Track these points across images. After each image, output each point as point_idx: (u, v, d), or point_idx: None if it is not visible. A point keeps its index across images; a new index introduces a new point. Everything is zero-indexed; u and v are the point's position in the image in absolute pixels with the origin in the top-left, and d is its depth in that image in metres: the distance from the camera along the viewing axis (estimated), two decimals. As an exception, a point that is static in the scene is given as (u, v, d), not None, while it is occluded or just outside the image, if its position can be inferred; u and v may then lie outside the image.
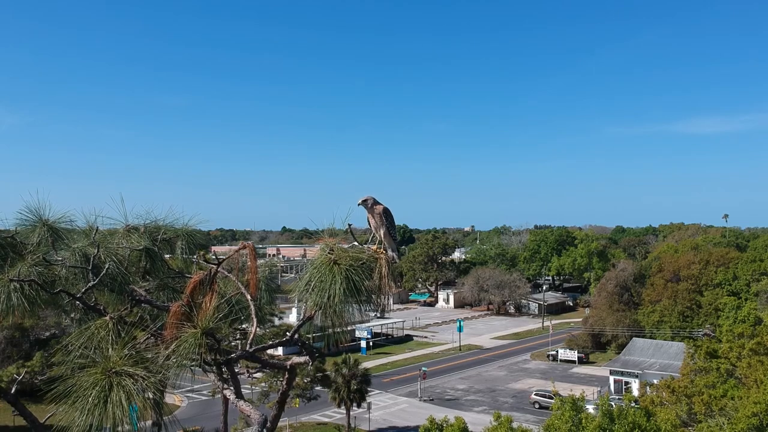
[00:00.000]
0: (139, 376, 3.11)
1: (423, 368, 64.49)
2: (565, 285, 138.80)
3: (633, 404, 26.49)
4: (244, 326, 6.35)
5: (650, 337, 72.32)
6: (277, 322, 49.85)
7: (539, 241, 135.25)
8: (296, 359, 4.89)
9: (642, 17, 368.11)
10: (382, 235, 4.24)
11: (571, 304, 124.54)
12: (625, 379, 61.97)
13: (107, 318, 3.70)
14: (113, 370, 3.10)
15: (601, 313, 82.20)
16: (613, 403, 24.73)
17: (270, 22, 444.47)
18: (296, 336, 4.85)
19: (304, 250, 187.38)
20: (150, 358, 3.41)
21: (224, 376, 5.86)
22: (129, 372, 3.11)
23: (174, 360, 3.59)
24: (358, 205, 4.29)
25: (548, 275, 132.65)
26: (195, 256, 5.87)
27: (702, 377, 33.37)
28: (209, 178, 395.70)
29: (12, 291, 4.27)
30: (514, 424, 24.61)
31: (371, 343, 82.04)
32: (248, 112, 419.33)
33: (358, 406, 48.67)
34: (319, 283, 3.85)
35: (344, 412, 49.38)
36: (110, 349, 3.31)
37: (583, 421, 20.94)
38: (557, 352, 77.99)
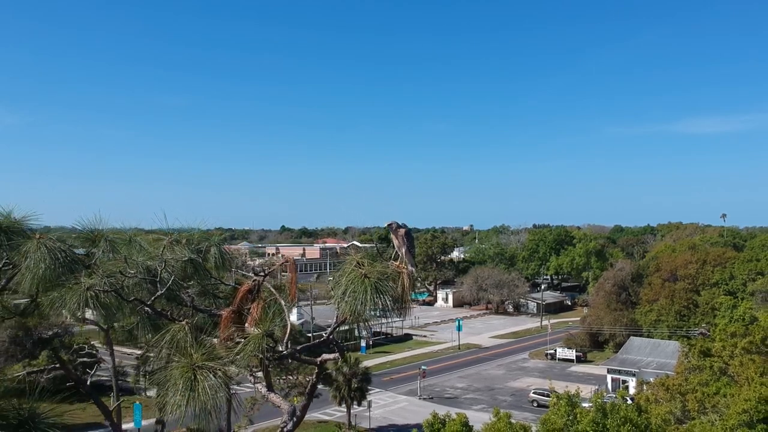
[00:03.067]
0: (218, 369, 3.92)
1: (422, 367, 65.19)
2: (564, 284, 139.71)
3: (625, 400, 27.33)
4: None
5: (647, 336, 73.17)
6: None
7: (538, 240, 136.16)
8: (326, 356, 5.71)
9: (642, 17, 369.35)
10: (404, 253, 5.07)
11: (570, 304, 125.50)
12: (622, 377, 62.78)
13: (183, 323, 4.51)
14: (196, 365, 3.91)
15: (599, 313, 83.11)
16: (607, 400, 25.57)
17: (270, 22, 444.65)
18: (331, 336, 5.67)
19: (304, 249, 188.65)
20: (220, 356, 4.22)
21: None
22: (209, 366, 3.92)
23: (242, 357, 4.42)
24: (385, 227, 5.12)
25: (547, 274, 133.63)
26: (234, 269, 6.68)
27: (696, 375, 34.16)
28: (209, 178, 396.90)
29: (89, 298, 5.09)
30: (513, 421, 25.39)
31: (371, 342, 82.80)
32: (248, 112, 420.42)
33: (359, 404, 49.38)
34: (352, 293, 4.66)
35: (345, 410, 50.14)
36: (189, 348, 4.12)
37: (578, 415, 21.82)
38: (555, 351, 78.81)
